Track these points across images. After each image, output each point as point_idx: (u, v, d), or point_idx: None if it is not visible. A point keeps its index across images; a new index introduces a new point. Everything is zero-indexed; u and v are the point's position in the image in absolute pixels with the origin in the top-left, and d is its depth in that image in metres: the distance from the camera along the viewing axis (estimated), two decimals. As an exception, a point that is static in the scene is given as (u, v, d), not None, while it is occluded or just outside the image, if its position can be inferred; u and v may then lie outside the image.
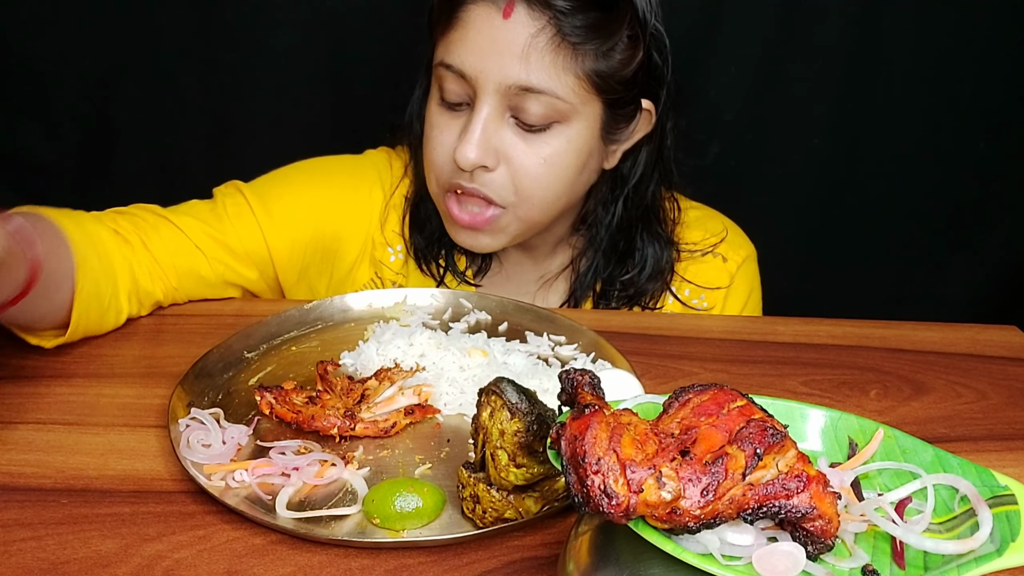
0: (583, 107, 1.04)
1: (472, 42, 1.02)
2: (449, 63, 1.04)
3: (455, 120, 1.07)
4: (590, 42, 1.01)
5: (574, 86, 1.02)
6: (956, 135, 1.62)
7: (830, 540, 0.54)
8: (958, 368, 1.05)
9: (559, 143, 1.05)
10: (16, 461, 0.81)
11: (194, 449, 0.80)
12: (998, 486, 0.59)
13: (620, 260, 1.19)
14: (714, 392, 0.58)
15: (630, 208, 1.17)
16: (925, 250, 1.72)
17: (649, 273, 1.19)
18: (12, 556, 0.70)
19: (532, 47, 1.00)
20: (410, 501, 0.73)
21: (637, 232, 1.18)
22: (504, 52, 1.00)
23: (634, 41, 1.05)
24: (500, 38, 1.00)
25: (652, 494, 0.52)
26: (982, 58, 1.56)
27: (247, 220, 1.13)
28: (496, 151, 1.05)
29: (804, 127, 1.63)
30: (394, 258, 1.22)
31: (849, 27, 1.54)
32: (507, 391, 0.69)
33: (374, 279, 1.22)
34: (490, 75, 1.01)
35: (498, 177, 1.06)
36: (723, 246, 1.23)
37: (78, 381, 0.94)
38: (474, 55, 1.02)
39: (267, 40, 1.55)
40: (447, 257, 1.21)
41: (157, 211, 1.10)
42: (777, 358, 1.05)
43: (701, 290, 1.22)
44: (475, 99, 1.04)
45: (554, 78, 1.01)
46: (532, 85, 1.01)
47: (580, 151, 1.07)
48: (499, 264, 1.24)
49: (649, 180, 1.16)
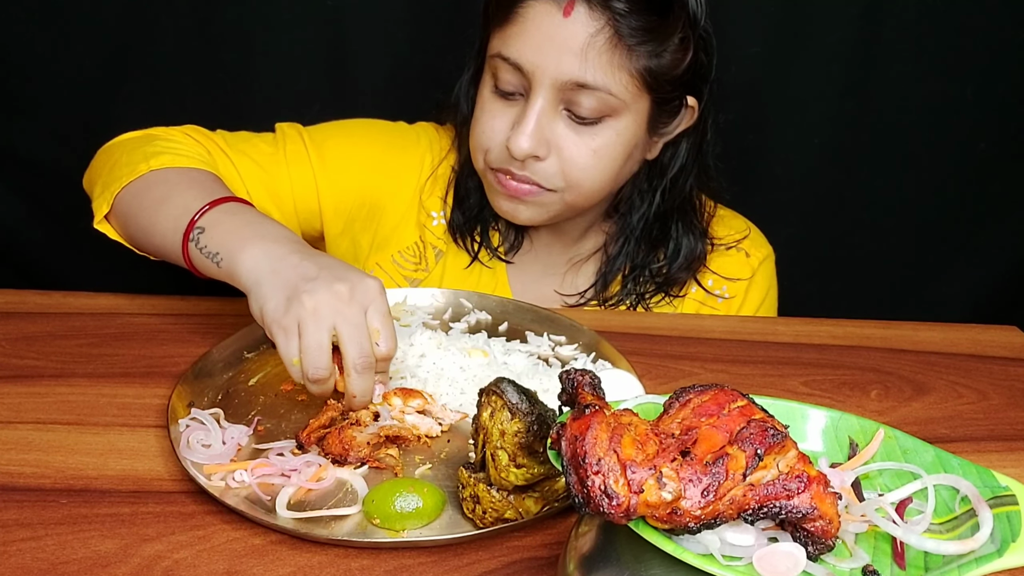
0: (633, 103, 1.06)
1: (531, 37, 1.04)
2: (507, 56, 1.06)
3: (508, 108, 1.09)
4: (645, 43, 1.03)
5: (627, 84, 1.04)
6: (956, 135, 1.62)
7: (831, 540, 0.54)
8: (959, 368, 1.05)
9: (608, 136, 1.07)
10: (16, 461, 0.81)
11: (194, 449, 0.80)
12: (999, 486, 0.59)
13: (653, 247, 1.22)
14: (715, 392, 0.58)
15: (667, 199, 1.19)
16: (926, 250, 1.72)
17: (681, 263, 1.21)
18: (11, 556, 0.70)
19: (591, 46, 1.02)
20: (410, 501, 0.73)
21: (673, 222, 1.21)
22: (563, 49, 1.02)
23: (685, 43, 1.07)
24: (559, 35, 1.02)
25: (653, 494, 0.52)
26: (983, 58, 1.56)
27: (303, 168, 1.18)
28: (548, 142, 1.07)
29: (804, 127, 1.62)
30: (436, 223, 1.24)
31: (849, 27, 1.54)
32: (507, 391, 0.69)
33: (418, 242, 1.24)
34: (547, 70, 1.03)
35: (549, 167, 1.08)
36: (746, 243, 1.26)
37: (78, 381, 0.94)
38: (532, 50, 1.04)
39: (267, 40, 1.55)
40: (483, 233, 1.23)
41: (220, 142, 1.16)
42: (778, 358, 1.05)
43: (724, 281, 1.24)
44: (530, 91, 1.06)
45: (609, 76, 1.03)
46: (588, 82, 1.03)
47: (627, 144, 1.09)
48: (530, 243, 1.26)
49: (689, 172, 1.19)
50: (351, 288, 0.83)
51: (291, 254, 0.87)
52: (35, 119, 1.58)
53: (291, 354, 0.81)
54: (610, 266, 1.23)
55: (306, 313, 0.81)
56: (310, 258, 0.87)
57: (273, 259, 0.87)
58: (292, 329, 0.82)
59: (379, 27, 1.53)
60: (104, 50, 1.53)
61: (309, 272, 0.84)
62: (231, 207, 0.96)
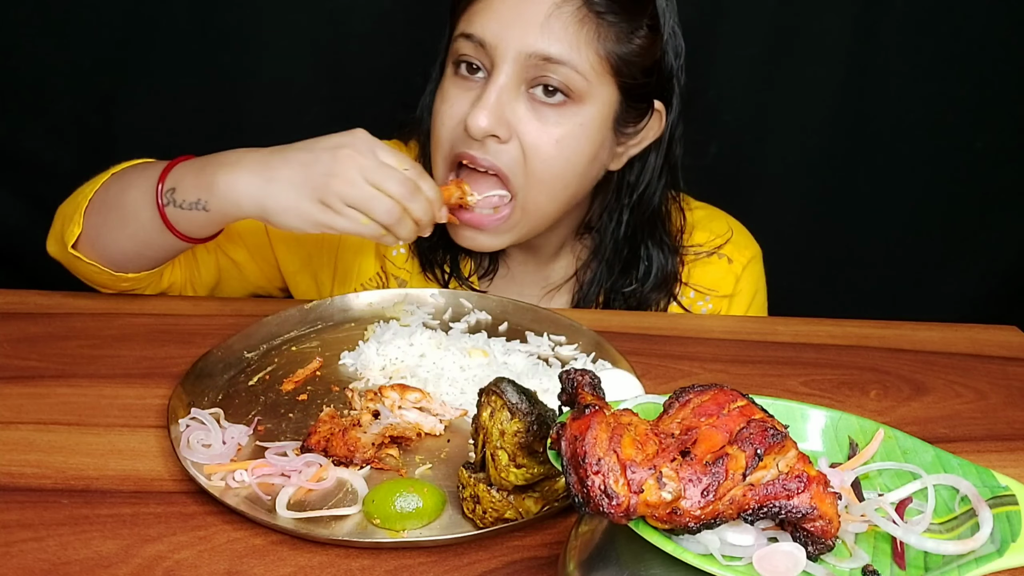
0: (599, 88, 1.04)
1: (495, 11, 1.03)
2: (470, 32, 1.04)
3: (469, 91, 1.06)
4: (613, 19, 1.02)
5: (593, 63, 1.02)
6: (956, 135, 1.62)
7: (830, 540, 0.54)
8: (958, 368, 1.05)
9: (572, 126, 1.04)
10: (16, 461, 0.81)
11: (194, 449, 0.80)
12: (998, 486, 0.59)
13: (624, 270, 1.19)
14: (714, 392, 0.58)
15: (636, 215, 1.16)
16: (925, 250, 1.72)
17: (653, 283, 1.18)
18: (13, 557, 0.70)
19: (556, 16, 1.00)
20: (410, 501, 0.73)
21: (642, 241, 1.18)
22: (529, 21, 1.01)
23: (654, 32, 1.06)
24: (525, 7, 1.01)
25: (652, 494, 0.52)
26: (981, 58, 1.56)
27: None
28: (508, 123, 1.03)
29: (804, 127, 1.63)
30: (396, 252, 1.21)
31: (849, 27, 1.54)
32: (507, 391, 0.69)
33: (380, 273, 1.21)
34: (511, 43, 1.01)
35: (511, 149, 1.04)
36: (728, 247, 1.23)
37: (78, 381, 0.94)
38: (497, 23, 1.02)
39: (267, 40, 1.55)
40: (451, 262, 1.20)
41: None
42: (777, 358, 1.05)
43: (706, 292, 1.22)
44: (492, 68, 1.03)
45: (574, 50, 1.01)
46: (552, 55, 1.01)
47: (592, 138, 1.06)
48: (505, 268, 1.24)
49: (656, 186, 1.16)
50: (351, 144, 0.93)
51: (269, 157, 0.93)
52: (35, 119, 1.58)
53: (361, 225, 0.93)
54: (583, 292, 1.20)
55: (341, 189, 0.91)
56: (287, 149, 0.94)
57: (258, 172, 0.93)
58: (343, 208, 0.92)
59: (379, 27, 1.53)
60: (104, 50, 1.53)
61: (304, 158, 0.92)
62: (187, 162, 0.99)
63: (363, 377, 0.95)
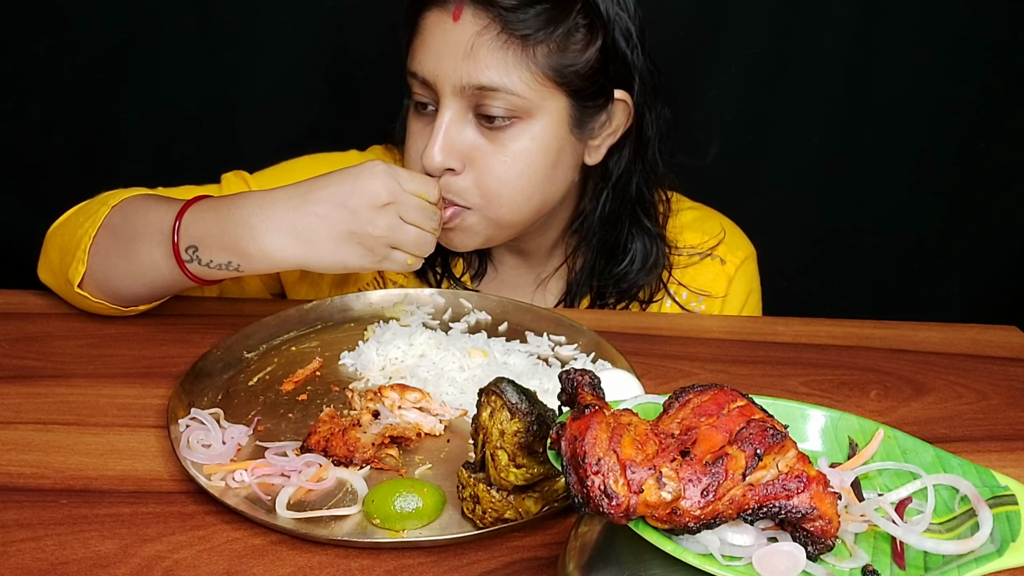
0: (544, 102, 1.04)
1: (428, 47, 1.04)
2: (414, 71, 1.06)
3: (427, 127, 1.07)
4: (539, 36, 1.01)
5: (529, 81, 1.02)
6: (956, 135, 1.62)
7: (830, 540, 0.54)
8: (958, 368, 1.05)
9: (523, 142, 1.04)
10: (16, 461, 0.81)
11: (194, 449, 0.80)
12: (998, 486, 0.59)
13: (610, 254, 1.19)
14: (714, 392, 0.58)
15: (614, 201, 1.16)
16: (925, 250, 1.72)
17: (639, 267, 1.18)
18: (11, 557, 0.70)
19: (478, 45, 1.00)
20: (410, 501, 0.73)
21: (624, 226, 1.18)
22: (456, 54, 1.01)
23: (591, 31, 1.04)
24: (451, 40, 1.02)
25: (652, 494, 0.52)
26: (982, 58, 1.56)
27: None
28: (461, 153, 1.04)
29: (804, 127, 1.62)
30: None
31: (849, 27, 1.54)
32: (507, 391, 0.69)
33: (377, 277, 1.22)
34: (446, 78, 1.02)
35: (462, 180, 1.05)
36: (721, 248, 1.22)
37: (78, 381, 0.94)
38: (431, 60, 1.03)
39: (267, 40, 1.55)
40: (443, 263, 1.20)
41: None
42: (777, 358, 1.05)
43: (699, 294, 1.21)
44: (438, 103, 1.05)
45: (504, 74, 1.01)
46: (484, 83, 1.01)
47: (548, 148, 1.06)
48: (494, 270, 1.24)
49: (632, 173, 1.15)
50: (383, 187, 0.93)
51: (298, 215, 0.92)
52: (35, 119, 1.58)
53: (406, 265, 0.96)
54: (576, 279, 1.20)
55: (385, 235, 0.93)
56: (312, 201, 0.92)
57: (293, 234, 0.92)
58: (388, 252, 0.94)
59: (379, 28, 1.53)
60: (104, 50, 1.53)
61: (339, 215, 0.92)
62: (200, 213, 0.95)
63: (363, 377, 0.95)
